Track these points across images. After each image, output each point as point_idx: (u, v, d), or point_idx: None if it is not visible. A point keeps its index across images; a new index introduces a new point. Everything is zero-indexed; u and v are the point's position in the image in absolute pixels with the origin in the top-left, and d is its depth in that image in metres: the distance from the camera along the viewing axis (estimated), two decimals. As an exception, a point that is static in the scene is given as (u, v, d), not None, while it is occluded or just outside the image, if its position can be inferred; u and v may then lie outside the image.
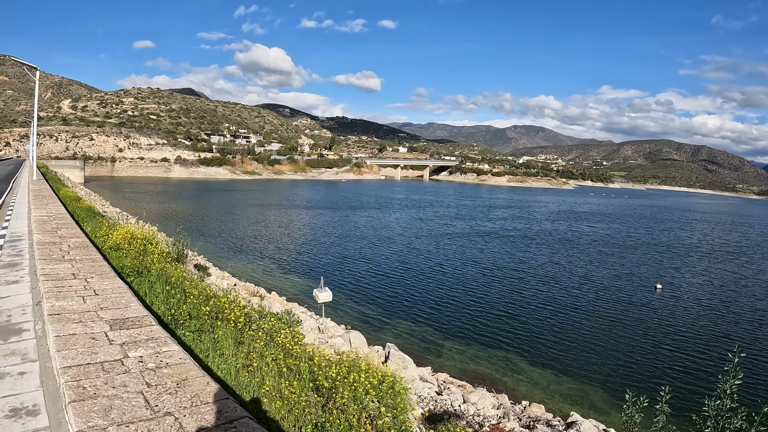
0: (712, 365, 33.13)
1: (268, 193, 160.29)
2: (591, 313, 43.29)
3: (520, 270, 58.77)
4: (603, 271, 61.58)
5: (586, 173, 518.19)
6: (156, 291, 13.05)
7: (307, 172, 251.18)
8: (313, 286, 45.94)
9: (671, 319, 43.48)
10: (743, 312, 47.69)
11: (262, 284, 42.26)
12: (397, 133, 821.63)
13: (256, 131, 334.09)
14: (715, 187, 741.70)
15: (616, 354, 34.02)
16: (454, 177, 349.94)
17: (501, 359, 31.76)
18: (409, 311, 40.26)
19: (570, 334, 37.62)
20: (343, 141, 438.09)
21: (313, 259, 58.80)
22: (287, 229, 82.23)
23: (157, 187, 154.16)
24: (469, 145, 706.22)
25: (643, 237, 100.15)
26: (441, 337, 34.63)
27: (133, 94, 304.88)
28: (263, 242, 68.05)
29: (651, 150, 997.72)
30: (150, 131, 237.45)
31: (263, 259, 56.96)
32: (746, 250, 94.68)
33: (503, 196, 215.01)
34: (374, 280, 50.04)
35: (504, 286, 50.54)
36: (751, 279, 64.36)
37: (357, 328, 33.40)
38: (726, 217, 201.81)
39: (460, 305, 43.07)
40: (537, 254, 70.35)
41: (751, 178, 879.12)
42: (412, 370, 21.90)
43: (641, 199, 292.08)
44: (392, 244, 70.72)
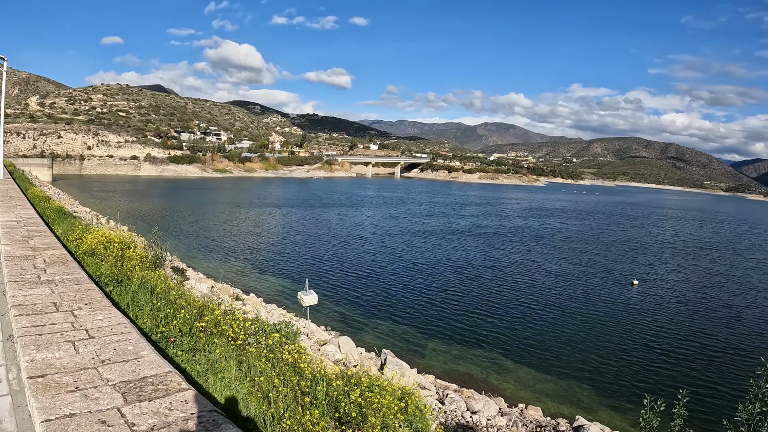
0: (693, 359, 33.33)
1: (239, 191, 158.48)
2: (569, 311, 43.23)
3: (496, 268, 58.49)
4: (579, 268, 61.60)
5: (556, 170, 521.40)
6: (139, 303, 11.66)
7: (278, 170, 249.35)
8: (290, 286, 45.41)
9: (648, 315, 43.64)
10: (719, 306, 48.13)
11: (239, 285, 41.24)
12: (368, 130, 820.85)
13: (227, 128, 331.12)
14: (683, 183, 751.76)
15: (597, 350, 33.90)
16: (425, 174, 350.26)
17: (485, 359, 31.39)
18: (389, 311, 39.66)
19: (549, 331, 37.47)
20: (314, 138, 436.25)
21: (288, 259, 57.82)
22: (260, 228, 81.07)
23: (127, 186, 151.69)
24: (440, 143, 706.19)
25: (616, 234, 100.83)
26: (423, 337, 34.19)
27: (102, 90, 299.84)
28: (237, 242, 66.89)
29: (620, 147, 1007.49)
30: (119, 129, 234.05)
31: (238, 260, 55.91)
32: (718, 245, 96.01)
33: (475, 193, 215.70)
34: (351, 280, 49.33)
35: (481, 285, 50.16)
36: (725, 275, 65.05)
37: (338, 329, 32.90)
38: (696, 213, 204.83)
39: (439, 304, 42.62)
40: (512, 252, 70.18)
41: (718, 175, 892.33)
42: (410, 377, 21.24)
43: (612, 196, 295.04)
44: (366, 243, 70.01)
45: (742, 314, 45.95)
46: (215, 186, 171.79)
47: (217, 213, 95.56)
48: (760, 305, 49.97)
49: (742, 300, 51.64)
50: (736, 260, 78.02)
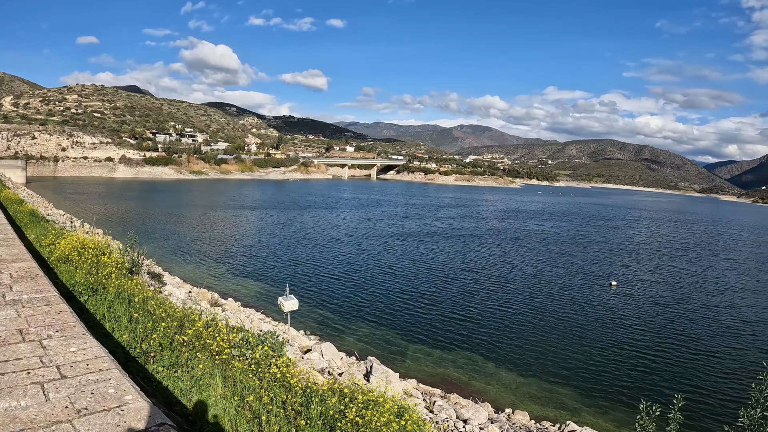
0: (673, 359, 33.44)
1: (215, 193, 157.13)
2: (548, 312, 43.22)
3: (474, 270, 58.34)
4: (557, 270, 61.78)
5: (532, 172, 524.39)
6: (116, 314, 10.79)
7: (254, 172, 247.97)
8: (268, 290, 44.96)
9: (627, 315, 43.87)
10: (697, 307, 48.49)
11: (216, 289, 40.64)
12: (344, 132, 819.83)
13: (203, 130, 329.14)
14: (657, 185, 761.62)
15: (577, 352, 33.93)
16: (401, 176, 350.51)
17: (466, 361, 31.15)
18: (368, 315, 39.30)
19: (529, 333, 37.40)
20: (290, 140, 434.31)
21: (265, 263, 57.09)
22: (236, 231, 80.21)
23: (102, 188, 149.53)
24: (416, 145, 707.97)
25: (593, 235, 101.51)
26: (403, 341, 33.92)
27: (77, 91, 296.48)
28: (213, 245, 66.01)
29: (595, 149, 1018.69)
30: (94, 130, 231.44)
31: (215, 263, 54.99)
32: (694, 246, 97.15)
33: (451, 195, 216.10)
34: (329, 283, 48.81)
35: (459, 287, 49.94)
36: (702, 275, 65.74)
37: (318, 334, 32.55)
38: (671, 214, 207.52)
39: (417, 307, 42.36)
40: (489, 254, 70.16)
41: (692, 177, 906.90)
42: (397, 385, 20.89)
43: (587, 198, 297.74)
44: (343, 246, 69.41)
45: (720, 315, 46.32)
46: (191, 188, 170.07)
47: (193, 216, 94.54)
48: (737, 305, 50.49)
49: (719, 300, 52.09)
50: (712, 261, 78.98)
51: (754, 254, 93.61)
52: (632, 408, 26.54)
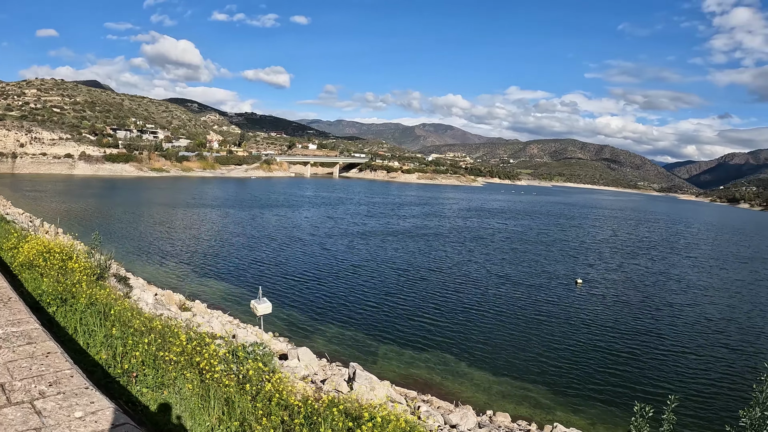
0: (641, 356, 33.85)
1: (177, 191, 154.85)
2: (516, 311, 43.40)
3: (439, 270, 58.22)
4: (522, 269, 62.14)
5: (494, 171, 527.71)
6: (89, 327, 9.79)
7: (216, 169, 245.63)
8: (232, 289, 44.37)
9: (595, 313, 44.38)
10: (662, 305, 49.31)
11: (181, 290, 39.55)
12: (307, 129, 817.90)
13: (164, 126, 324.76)
14: (618, 184, 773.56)
15: (547, 350, 34.05)
16: (364, 174, 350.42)
17: (438, 362, 30.97)
18: (336, 316, 38.84)
19: (498, 332, 37.44)
20: (253, 137, 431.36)
21: (228, 262, 56.16)
22: (199, 230, 78.84)
23: (61, 186, 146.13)
24: (378, 143, 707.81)
25: (556, 234, 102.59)
26: (374, 342, 33.62)
27: (36, 85, 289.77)
28: (176, 244, 64.66)
29: (556, 149, 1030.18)
30: (53, 125, 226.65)
31: (178, 263, 53.83)
32: (656, 244, 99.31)
33: (414, 193, 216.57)
34: (293, 284, 48.19)
35: (426, 287, 49.77)
36: (665, 273, 67.01)
37: (287, 336, 32.03)
38: (632, 213, 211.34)
39: (385, 307, 42.10)
40: (454, 253, 70.25)
41: (651, 176, 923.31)
42: (380, 391, 20.48)
43: (549, 196, 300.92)
44: (307, 245, 68.59)
45: (684, 313, 47.13)
46: (152, 186, 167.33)
47: (154, 214, 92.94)
48: (700, 303, 51.47)
49: (683, 298, 53.03)
50: (674, 259, 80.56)
51: (714, 252, 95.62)
52: (604, 404, 26.77)
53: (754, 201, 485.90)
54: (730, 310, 49.48)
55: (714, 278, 66.49)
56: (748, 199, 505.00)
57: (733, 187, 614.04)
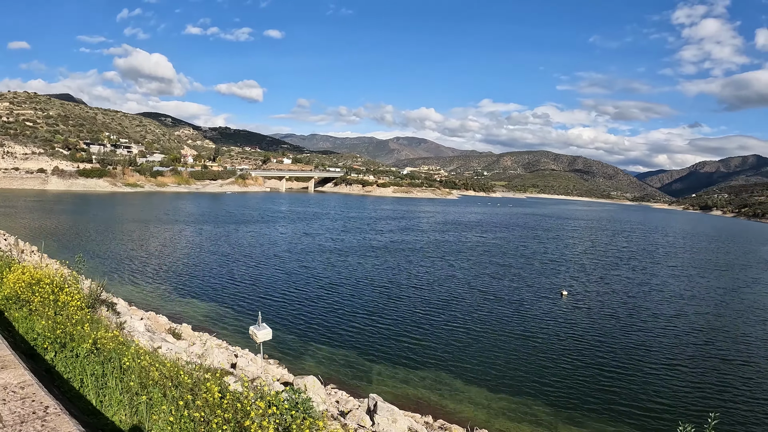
0: (632, 366, 33.90)
1: (151, 206, 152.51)
2: (504, 325, 43.34)
3: (421, 287, 57.60)
4: (505, 283, 62.02)
5: (468, 183, 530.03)
6: (98, 378, 8.59)
7: (191, 184, 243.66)
8: (215, 309, 43.75)
9: (583, 325, 44.61)
10: (648, 314, 49.63)
11: (162, 311, 38.85)
12: (281, 144, 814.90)
13: (138, 141, 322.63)
14: (591, 194, 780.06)
15: (540, 363, 34.06)
16: (339, 188, 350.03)
17: (433, 380, 30.72)
18: (321, 335, 38.36)
19: (490, 347, 37.39)
20: (227, 152, 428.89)
21: (207, 281, 55.17)
22: (175, 247, 77.50)
23: (34, 201, 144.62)
24: (352, 157, 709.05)
25: (535, 246, 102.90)
26: (365, 361, 33.27)
27: (9, 98, 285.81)
28: (153, 263, 63.25)
29: (529, 160, 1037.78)
30: (26, 139, 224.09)
31: (157, 282, 52.74)
32: (635, 254, 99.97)
33: (390, 207, 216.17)
34: (272, 302, 47.74)
35: (410, 304, 49.33)
36: (648, 283, 67.34)
37: (277, 358, 31.77)
38: (607, 223, 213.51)
39: (372, 326, 41.64)
40: (435, 269, 69.79)
41: (624, 186, 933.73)
42: (402, 422, 20.35)
43: (524, 208, 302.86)
44: (285, 263, 67.31)
45: (672, 322, 47.42)
46: (126, 201, 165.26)
47: (129, 231, 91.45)
48: (686, 312, 51.80)
49: (669, 308, 53.43)
50: (655, 268, 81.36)
51: (693, 260, 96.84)
52: (602, 419, 27.06)
53: (726, 208, 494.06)
54: (717, 319, 49.97)
55: (696, 287, 67.19)
56: (720, 206, 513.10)
57: (705, 195, 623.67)
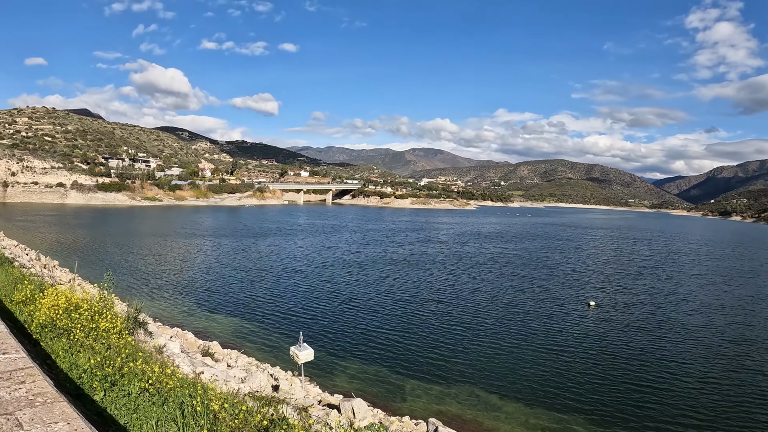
0: (664, 378, 32.70)
1: (170, 220, 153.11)
2: (534, 338, 42.34)
3: (445, 300, 56.44)
4: (530, 294, 60.77)
5: (486, 194, 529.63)
6: (162, 423, 7.77)
7: (209, 198, 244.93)
8: (241, 324, 43.23)
9: (614, 336, 43.50)
10: (679, 325, 48.13)
11: (189, 327, 38.13)
12: (297, 157, 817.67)
13: (156, 155, 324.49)
14: (609, 202, 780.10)
15: (576, 376, 32.95)
16: (357, 200, 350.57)
17: (467, 395, 29.85)
18: (350, 350, 37.59)
19: (521, 359, 36.48)
20: (244, 165, 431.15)
21: (232, 295, 54.78)
22: (196, 261, 77.38)
23: (54, 215, 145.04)
24: (369, 168, 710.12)
25: (558, 256, 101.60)
26: (397, 376, 32.41)
27: (27, 113, 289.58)
28: (175, 276, 63.00)
29: (546, 170, 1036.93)
30: (45, 154, 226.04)
31: (181, 297, 52.31)
32: (659, 262, 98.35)
33: (409, 219, 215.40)
34: (295, 317, 46.91)
35: (436, 318, 48.24)
36: (675, 292, 65.60)
37: (308, 375, 31.23)
38: (628, 231, 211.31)
39: (400, 340, 40.81)
40: (458, 281, 68.97)
41: (642, 193, 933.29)
42: None
43: (543, 218, 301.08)
44: (304, 277, 66.60)
45: (705, 334, 45.90)
46: (145, 215, 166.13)
47: (150, 245, 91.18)
48: (717, 323, 50.02)
49: (699, 319, 51.73)
50: (680, 277, 79.60)
51: (717, 268, 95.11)
52: None
53: (746, 213, 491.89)
54: (749, 330, 48.29)
55: (724, 295, 65.49)
56: (739, 211, 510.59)
57: (724, 200, 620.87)
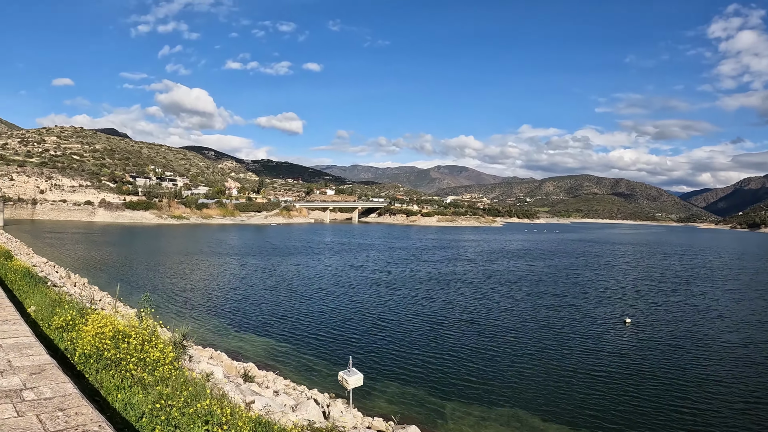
0: (711, 398, 30.98)
1: (197, 238, 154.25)
2: (572, 358, 40.79)
3: (478, 320, 54.88)
4: (563, 313, 58.86)
5: (512, 210, 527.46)
6: None
7: (236, 216, 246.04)
8: (273, 344, 42.35)
9: (652, 356, 41.78)
10: (718, 340, 46.27)
11: (220, 347, 37.47)
12: (323, 175, 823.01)
13: (182, 174, 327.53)
14: (636, 217, 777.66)
15: (615, 397, 31.37)
16: (383, 218, 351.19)
17: (509, 418, 28.63)
18: (387, 371, 36.48)
19: (559, 381, 34.92)
20: (270, 184, 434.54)
21: (264, 314, 53.86)
22: (224, 279, 76.88)
23: (82, 233, 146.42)
24: (394, 186, 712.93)
25: (588, 273, 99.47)
26: (436, 399, 31.14)
27: (56, 132, 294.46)
28: (204, 295, 62.56)
29: (572, 185, 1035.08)
30: (73, 172, 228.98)
31: (210, 316, 51.65)
32: (692, 278, 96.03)
33: (436, 236, 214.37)
34: (324, 336, 46.01)
35: (469, 338, 46.66)
36: (713, 309, 62.93)
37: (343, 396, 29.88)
38: (657, 246, 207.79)
39: (435, 360, 39.41)
40: (489, 300, 67.25)
41: (669, 207, 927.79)
42: None
43: (570, 234, 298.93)
44: (333, 296, 65.79)
45: (742, 352, 43.58)
46: (173, 233, 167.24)
47: (177, 263, 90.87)
48: (754, 340, 47.85)
49: (737, 336, 49.59)
50: (716, 293, 77.35)
51: (752, 282, 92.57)
52: None
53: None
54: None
55: (762, 311, 63.00)
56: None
57: (752, 212, 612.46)
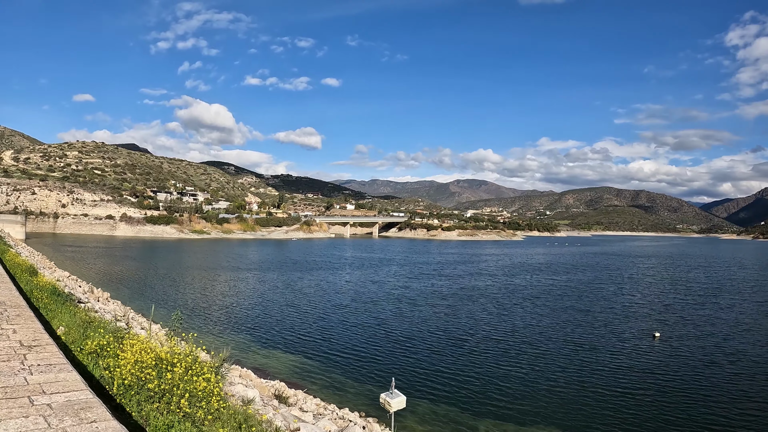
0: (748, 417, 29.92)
1: (219, 253, 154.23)
2: (603, 375, 39.80)
3: (503, 337, 53.87)
4: (590, 329, 57.74)
5: (532, 224, 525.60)
6: None
7: (256, 231, 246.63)
8: (301, 361, 41.67)
9: (682, 372, 40.85)
10: (743, 354, 45.32)
11: (246, 364, 36.91)
12: (342, 190, 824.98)
13: (203, 189, 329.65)
14: (657, 228, 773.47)
15: (651, 417, 30.38)
16: (403, 233, 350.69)
17: None
18: (415, 389, 35.68)
19: (591, 399, 34.09)
20: (290, 199, 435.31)
21: (289, 329, 53.52)
22: (245, 294, 76.58)
23: (103, 247, 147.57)
24: (414, 201, 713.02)
25: (612, 287, 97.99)
26: (469, 418, 30.54)
27: (78, 147, 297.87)
28: (225, 309, 62.15)
29: (592, 198, 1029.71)
30: (94, 187, 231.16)
31: (234, 332, 51.15)
32: (718, 290, 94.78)
33: (457, 251, 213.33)
34: (345, 353, 45.65)
35: (496, 355, 46.24)
36: (740, 323, 61.47)
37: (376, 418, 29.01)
38: (680, 258, 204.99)
39: (462, 378, 38.75)
40: (513, 316, 66.07)
41: (690, 218, 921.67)
42: None
43: (591, 247, 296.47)
44: (354, 312, 65.27)
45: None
46: (194, 248, 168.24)
47: (198, 277, 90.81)
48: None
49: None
50: (743, 305, 76.17)
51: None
52: None
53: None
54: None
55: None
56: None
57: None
